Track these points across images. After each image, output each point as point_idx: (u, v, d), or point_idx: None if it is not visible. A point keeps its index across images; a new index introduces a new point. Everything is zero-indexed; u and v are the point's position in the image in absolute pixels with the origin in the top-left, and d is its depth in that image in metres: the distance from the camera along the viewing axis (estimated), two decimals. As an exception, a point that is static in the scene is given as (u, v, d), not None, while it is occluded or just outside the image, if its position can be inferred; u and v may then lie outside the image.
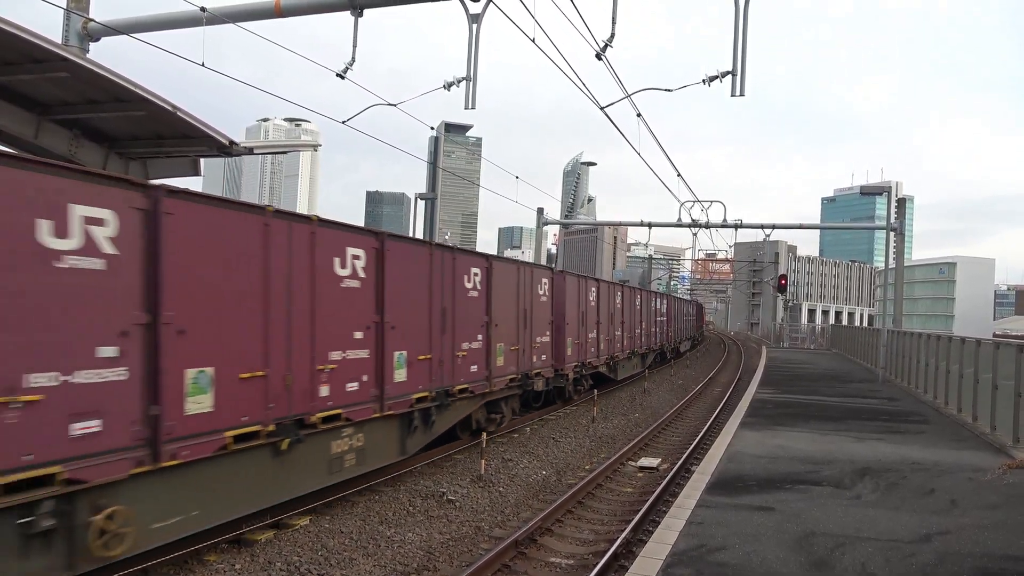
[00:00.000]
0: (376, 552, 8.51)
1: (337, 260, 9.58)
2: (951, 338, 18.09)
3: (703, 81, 12.14)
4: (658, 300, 36.18)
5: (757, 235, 37.92)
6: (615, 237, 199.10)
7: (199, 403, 7.34)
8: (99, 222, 6.38)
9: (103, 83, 10.05)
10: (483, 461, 12.28)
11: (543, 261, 34.10)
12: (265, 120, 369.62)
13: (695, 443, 15.03)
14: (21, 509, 5.79)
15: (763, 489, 9.29)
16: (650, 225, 33.39)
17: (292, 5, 12.74)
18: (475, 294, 13.72)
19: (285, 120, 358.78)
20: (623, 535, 8.83)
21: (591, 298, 21.99)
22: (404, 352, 11.09)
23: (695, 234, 38.91)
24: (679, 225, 31.77)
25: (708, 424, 17.73)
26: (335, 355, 9.44)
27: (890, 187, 33.48)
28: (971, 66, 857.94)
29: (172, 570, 7.69)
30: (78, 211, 6.20)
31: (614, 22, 11.37)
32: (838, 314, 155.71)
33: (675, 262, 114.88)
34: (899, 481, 9.87)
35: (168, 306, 6.96)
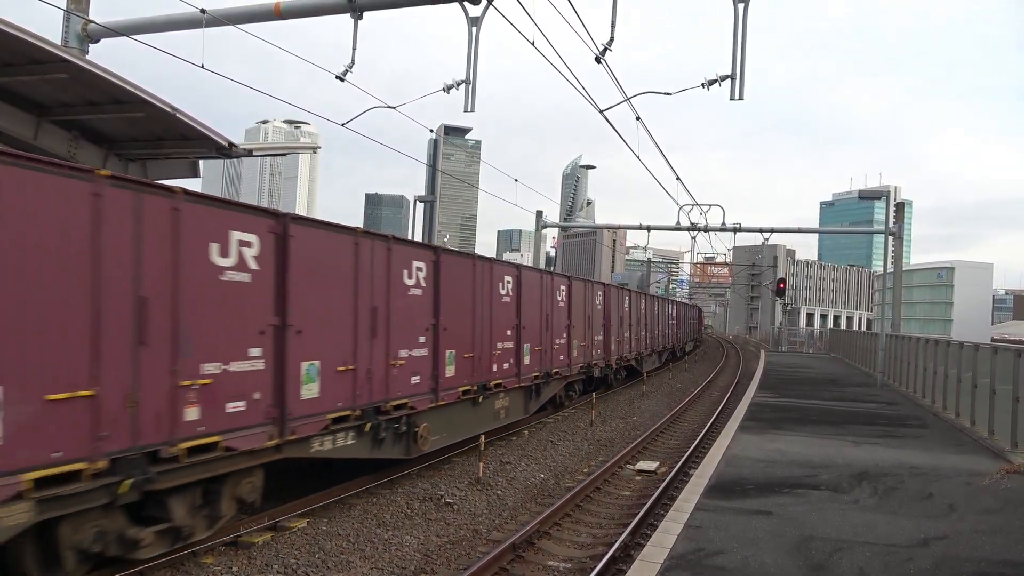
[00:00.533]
0: (373, 555, 8.50)
1: (500, 284, 15.19)
2: (949, 342, 18.10)
3: (702, 85, 12.13)
4: (670, 306, 41.48)
5: (756, 239, 37.97)
6: (614, 240, 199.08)
7: (450, 370, 12.68)
8: (420, 269, 11.92)
9: (102, 84, 10.05)
10: (481, 464, 12.27)
11: (542, 264, 34.24)
12: (264, 122, 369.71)
13: (693, 446, 15.01)
14: (395, 420, 10.97)
15: (761, 493, 9.29)
16: (649, 228, 33.41)
17: (292, 7, 12.74)
18: (562, 304, 19.00)
19: (284, 122, 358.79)
20: (621, 538, 8.82)
21: (626, 305, 26.98)
22: (529, 344, 16.47)
23: (694, 237, 38.81)
24: (678, 228, 31.75)
25: (706, 428, 17.72)
26: (499, 345, 14.93)
27: (889, 191, 33.53)
28: (969, 71, 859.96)
29: (169, 572, 7.67)
30: (415, 264, 11.76)
31: (613, 25, 11.38)
32: (836, 318, 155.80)
33: (674, 265, 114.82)
34: (897, 485, 9.87)
35: (442, 315, 12.42)
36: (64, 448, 6.27)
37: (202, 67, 11.43)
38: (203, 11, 11.95)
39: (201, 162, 13.42)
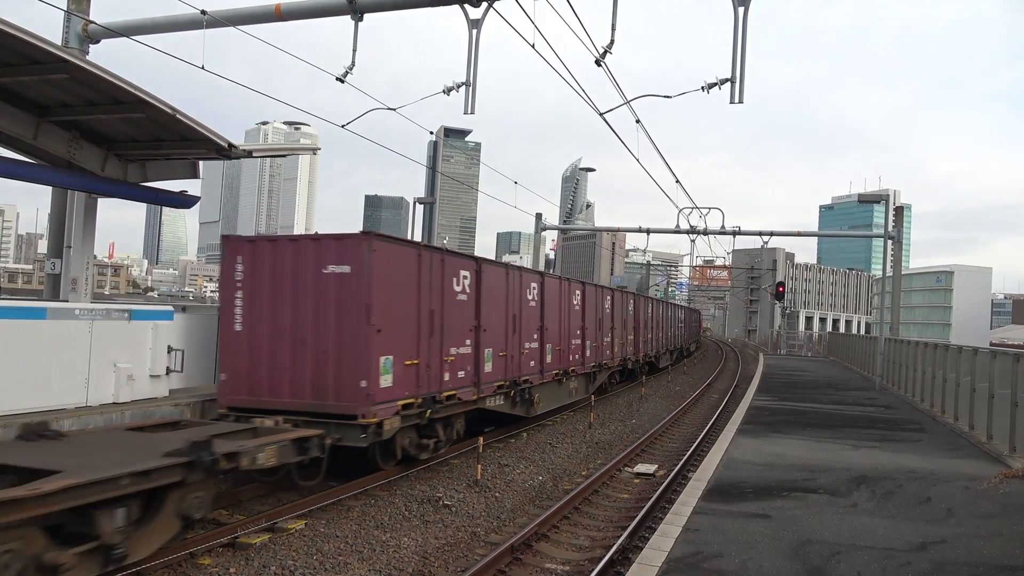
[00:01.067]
0: (371, 556, 8.48)
1: (573, 296, 20.71)
2: (948, 347, 18.10)
3: (702, 88, 12.15)
4: (679, 310, 47.44)
5: (755, 242, 37.97)
6: (613, 243, 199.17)
7: (549, 359, 18.00)
8: (533, 288, 17.53)
9: (102, 85, 10.06)
10: (479, 466, 12.26)
11: (541, 267, 34.45)
12: (264, 123, 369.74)
13: (692, 450, 15.01)
14: (523, 390, 16.16)
15: (759, 496, 9.28)
16: (648, 231, 33.39)
17: (292, 9, 12.76)
18: (608, 310, 24.56)
19: (284, 123, 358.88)
20: (619, 541, 8.81)
21: (649, 311, 32.52)
22: (589, 342, 21.89)
23: (693, 241, 38.92)
24: (677, 232, 31.79)
25: (705, 431, 17.71)
26: (573, 341, 20.38)
27: (888, 195, 33.50)
28: (970, 77, 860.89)
29: (167, 573, 7.66)
30: (531, 285, 17.35)
31: (614, 28, 11.40)
32: (835, 322, 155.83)
33: (673, 268, 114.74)
34: (895, 489, 9.87)
35: (544, 320, 17.83)
36: (408, 390, 11.65)
37: (202, 68, 11.45)
38: (204, 12, 11.96)
39: (201, 163, 13.43)
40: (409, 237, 37.46)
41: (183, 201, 14.17)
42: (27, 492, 6.22)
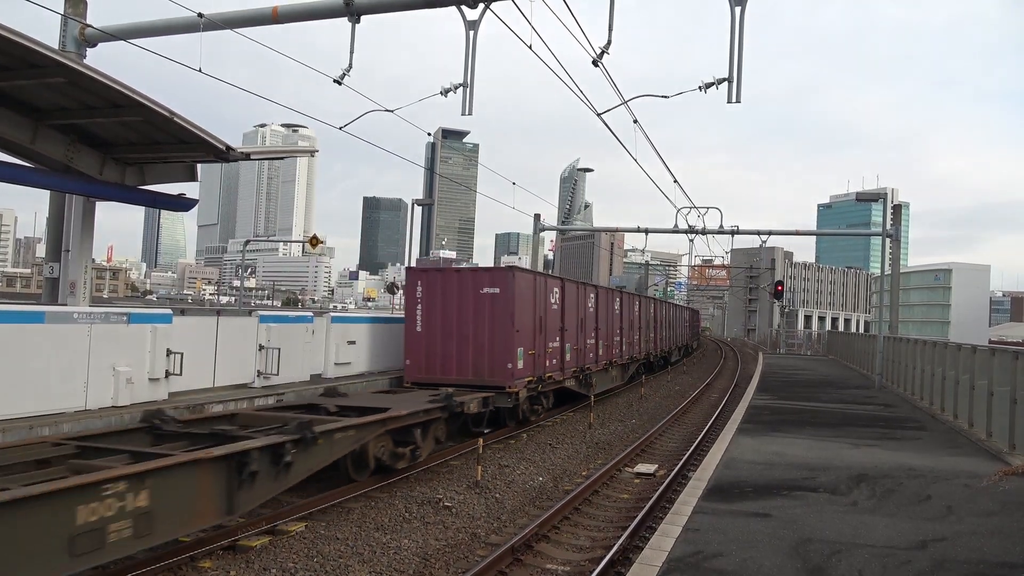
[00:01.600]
0: (372, 558, 8.48)
1: (615, 303, 25.80)
2: (947, 344, 18.11)
3: (700, 88, 12.17)
4: (685, 311, 53.37)
5: (754, 241, 37.95)
6: (612, 243, 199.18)
7: (601, 352, 23.55)
8: (592, 298, 23.32)
9: (100, 89, 10.05)
10: (479, 467, 12.26)
11: (540, 267, 34.59)
12: (262, 126, 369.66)
13: (692, 449, 15.01)
14: (584, 374, 21.48)
15: (760, 495, 9.28)
16: (647, 231, 33.36)
17: (289, 11, 12.76)
18: (637, 313, 29.81)
19: (282, 126, 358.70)
20: (620, 542, 8.81)
21: (663, 312, 38.04)
22: (624, 339, 26.87)
23: (692, 240, 38.85)
24: (676, 231, 31.75)
25: (705, 430, 17.71)
26: (614, 339, 25.32)
27: (886, 194, 33.50)
28: (968, 75, 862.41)
29: (167, 577, 7.66)
30: (590, 296, 23.09)
31: (611, 29, 11.41)
32: (834, 320, 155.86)
33: (671, 268, 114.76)
34: (895, 488, 9.87)
35: (598, 323, 23.68)
36: (529, 371, 16.86)
37: (200, 71, 11.45)
38: (201, 15, 11.97)
39: (199, 166, 13.42)
40: (408, 238, 37.68)
41: (181, 204, 14.16)
42: (393, 414, 11.22)
